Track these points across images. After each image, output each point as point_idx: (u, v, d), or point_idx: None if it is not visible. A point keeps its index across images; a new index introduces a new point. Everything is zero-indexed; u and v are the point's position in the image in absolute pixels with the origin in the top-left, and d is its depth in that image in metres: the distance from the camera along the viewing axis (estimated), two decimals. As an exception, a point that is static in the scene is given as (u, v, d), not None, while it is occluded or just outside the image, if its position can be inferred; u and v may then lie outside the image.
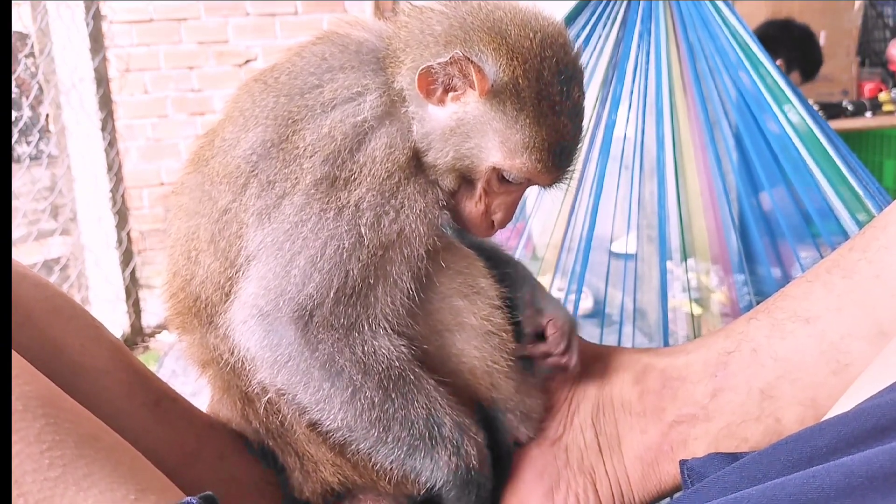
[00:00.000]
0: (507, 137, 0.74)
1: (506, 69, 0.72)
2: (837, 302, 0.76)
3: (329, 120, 0.74)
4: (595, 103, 1.76)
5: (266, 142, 0.74)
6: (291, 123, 0.74)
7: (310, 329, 0.72)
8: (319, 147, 0.73)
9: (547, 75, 0.73)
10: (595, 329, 1.82)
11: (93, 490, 0.56)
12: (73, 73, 3.15)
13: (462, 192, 0.79)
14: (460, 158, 0.76)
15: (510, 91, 0.73)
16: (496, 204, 0.79)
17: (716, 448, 0.79)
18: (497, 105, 0.73)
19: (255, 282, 0.74)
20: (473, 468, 0.76)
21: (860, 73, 4.42)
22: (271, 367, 0.74)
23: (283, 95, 0.76)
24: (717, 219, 1.78)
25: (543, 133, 0.74)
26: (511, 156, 0.75)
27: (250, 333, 0.73)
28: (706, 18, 1.75)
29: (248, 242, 0.74)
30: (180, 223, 0.80)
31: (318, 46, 0.79)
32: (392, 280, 0.74)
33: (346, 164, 0.73)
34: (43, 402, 0.59)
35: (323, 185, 0.72)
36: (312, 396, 0.74)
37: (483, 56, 0.73)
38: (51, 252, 3.29)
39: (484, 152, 0.75)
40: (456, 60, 0.72)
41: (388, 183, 0.73)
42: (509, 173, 0.77)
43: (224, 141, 0.78)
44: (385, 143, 0.74)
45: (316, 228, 0.72)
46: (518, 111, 0.73)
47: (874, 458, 0.49)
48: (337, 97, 0.75)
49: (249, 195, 0.74)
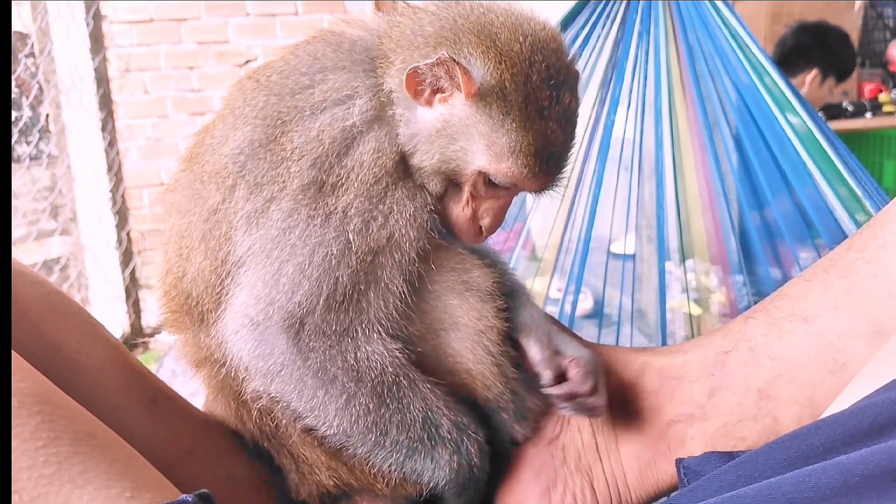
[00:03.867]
0: (493, 141, 0.73)
1: (493, 72, 0.72)
2: (835, 301, 0.76)
3: (318, 123, 0.73)
4: (594, 104, 1.76)
5: (254, 142, 0.74)
6: (280, 124, 0.74)
7: (301, 337, 0.72)
8: (307, 150, 0.72)
9: (535, 79, 0.73)
10: (594, 329, 1.82)
11: (88, 487, 0.56)
12: (73, 72, 3.16)
13: (449, 196, 0.78)
14: (446, 161, 0.75)
15: (497, 94, 0.72)
16: (484, 209, 0.78)
17: (713, 447, 0.79)
18: (483, 108, 0.73)
19: (246, 290, 0.73)
20: (475, 466, 0.76)
21: (860, 74, 4.42)
22: (265, 377, 0.74)
23: (273, 95, 0.76)
24: (716, 219, 1.78)
25: (530, 137, 0.73)
26: (497, 159, 0.74)
27: (242, 343, 0.73)
28: (706, 19, 1.75)
29: (236, 246, 0.74)
30: (173, 221, 0.80)
31: (311, 45, 0.79)
32: (384, 285, 0.74)
33: (334, 168, 0.72)
34: (39, 399, 0.59)
35: (310, 191, 0.72)
36: (307, 404, 0.74)
37: (471, 58, 0.72)
38: (51, 252, 3.29)
39: (469, 155, 0.75)
40: (443, 62, 0.71)
41: (375, 188, 0.73)
42: (495, 177, 0.76)
43: (213, 139, 0.78)
44: (373, 147, 0.74)
45: (303, 235, 0.72)
46: (504, 115, 0.72)
47: (870, 457, 0.49)
48: (327, 99, 0.74)
49: (238, 197, 0.74)
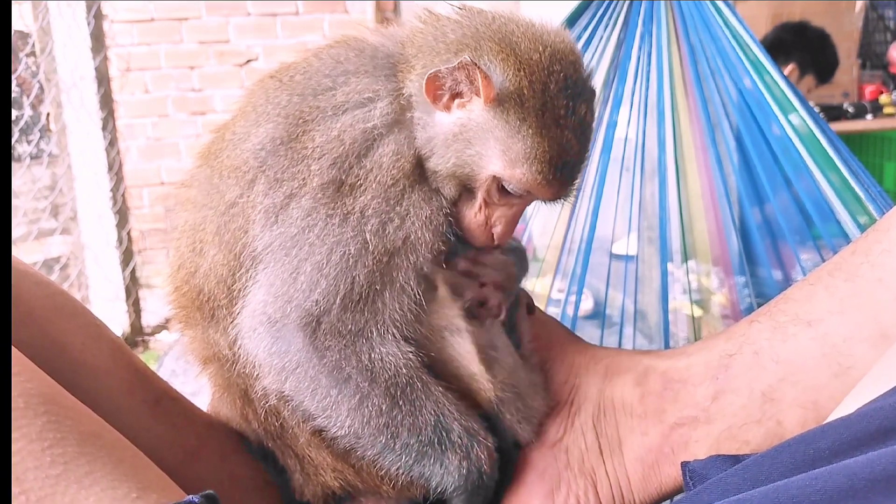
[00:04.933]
0: (508, 147, 0.74)
1: (512, 79, 0.73)
2: (839, 305, 0.75)
3: (339, 123, 0.74)
4: (596, 104, 1.75)
5: (276, 139, 0.75)
6: (302, 123, 0.75)
7: (318, 336, 0.73)
8: (328, 150, 0.73)
9: (553, 88, 0.73)
10: (595, 331, 1.82)
11: (94, 488, 0.56)
12: (74, 71, 3.16)
13: (463, 201, 0.79)
14: (461, 165, 0.76)
15: (515, 100, 0.73)
16: (497, 216, 0.79)
17: (717, 450, 0.79)
18: (501, 113, 0.73)
19: (264, 288, 0.74)
20: (485, 472, 0.77)
21: (861, 76, 4.43)
22: (279, 374, 0.74)
23: (296, 94, 0.77)
24: (717, 220, 1.77)
25: (545, 145, 0.73)
26: (511, 165, 0.74)
27: (259, 340, 0.74)
28: (708, 20, 1.75)
29: (253, 241, 0.75)
30: (187, 215, 0.81)
31: (335, 49, 0.80)
32: (399, 286, 0.74)
33: (353, 169, 0.73)
34: (44, 399, 0.59)
35: (329, 190, 0.73)
36: (320, 403, 0.74)
37: (491, 64, 0.73)
38: (51, 251, 3.29)
39: (485, 160, 0.75)
40: (464, 66, 0.72)
41: (393, 190, 0.74)
42: (509, 184, 0.76)
43: (234, 135, 0.78)
44: (392, 150, 0.74)
45: (322, 234, 0.72)
46: (521, 121, 0.73)
47: (877, 461, 0.49)
48: (349, 101, 0.75)
49: (257, 191, 0.75)
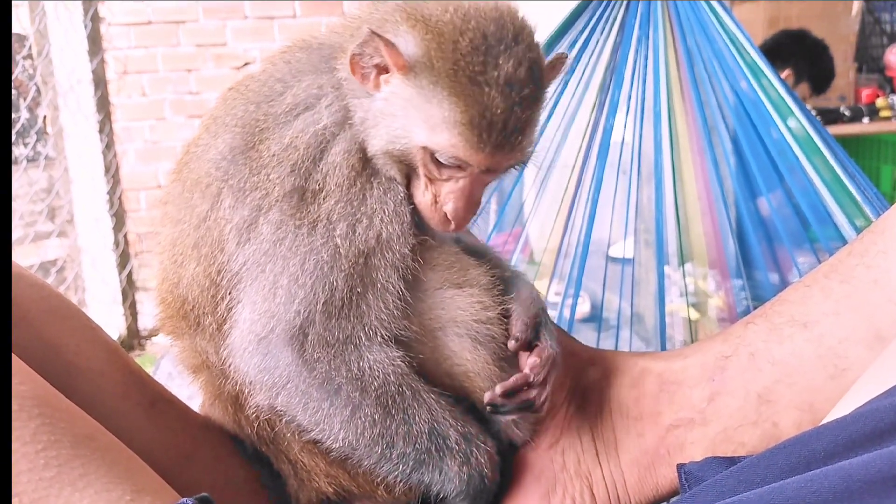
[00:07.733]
0: (427, 114, 0.71)
1: (419, 43, 0.71)
2: (835, 307, 0.76)
3: (291, 130, 0.74)
4: (593, 108, 1.76)
5: (234, 148, 0.75)
6: (258, 132, 0.75)
7: (305, 348, 0.73)
8: (284, 157, 0.73)
9: (465, 46, 0.70)
10: (592, 333, 1.82)
11: (88, 490, 0.56)
12: (71, 74, 3.15)
13: (414, 185, 0.77)
14: (392, 142, 0.73)
15: (424, 64, 0.70)
16: (445, 193, 0.75)
17: (713, 452, 0.79)
18: (414, 80, 0.71)
19: (248, 307, 0.74)
20: (486, 476, 0.76)
21: (857, 79, 4.44)
22: (270, 390, 0.74)
23: (251, 103, 0.77)
24: (714, 223, 1.78)
25: (462, 106, 0.70)
26: (434, 133, 0.72)
27: (249, 358, 0.74)
28: (704, 23, 1.75)
29: (230, 260, 0.75)
30: (167, 230, 0.81)
31: (286, 53, 0.81)
32: (381, 286, 0.74)
33: (312, 174, 0.73)
34: (39, 402, 0.59)
35: (294, 199, 0.73)
36: (312, 417, 0.74)
37: (398, 33, 0.72)
38: (48, 254, 3.29)
39: (410, 132, 0.73)
40: (369, 39, 0.71)
41: (353, 191, 0.73)
42: (438, 153, 0.73)
43: (197, 147, 0.79)
44: (343, 148, 0.74)
45: (293, 246, 0.72)
46: (433, 84, 0.70)
47: (872, 462, 0.49)
48: (298, 102, 0.75)
49: (225, 206, 0.75)
